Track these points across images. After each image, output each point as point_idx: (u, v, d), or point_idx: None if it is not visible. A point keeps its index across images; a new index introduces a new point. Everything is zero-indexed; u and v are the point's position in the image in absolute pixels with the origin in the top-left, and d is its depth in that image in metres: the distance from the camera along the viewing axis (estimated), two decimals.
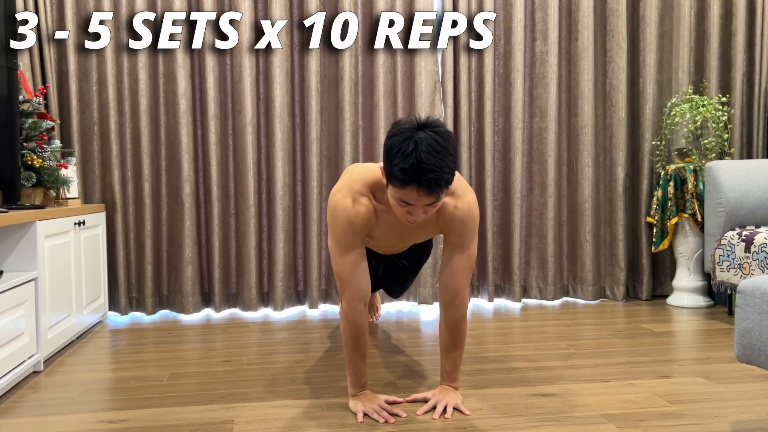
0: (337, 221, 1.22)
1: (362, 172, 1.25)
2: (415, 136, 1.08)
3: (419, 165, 1.05)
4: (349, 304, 1.24)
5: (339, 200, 1.22)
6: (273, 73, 2.26)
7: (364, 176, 1.24)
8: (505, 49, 2.41)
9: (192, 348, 1.83)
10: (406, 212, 1.13)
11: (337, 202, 1.22)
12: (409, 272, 1.73)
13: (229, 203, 2.33)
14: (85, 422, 1.25)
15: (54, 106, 2.17)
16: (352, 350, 1.27)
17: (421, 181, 1.07)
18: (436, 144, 1.07)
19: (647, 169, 2.44)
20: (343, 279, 1.24)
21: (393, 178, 1.09)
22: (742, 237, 1.98)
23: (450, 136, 1.10)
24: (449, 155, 1.08)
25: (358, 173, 1.25)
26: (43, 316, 1.61)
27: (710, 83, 2.44)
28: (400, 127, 1.11)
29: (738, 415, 1.23)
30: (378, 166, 1.25)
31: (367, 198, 1.23)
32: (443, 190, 1.09)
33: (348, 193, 1.22)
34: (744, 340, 1.04)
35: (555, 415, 1.24)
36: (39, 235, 1.61)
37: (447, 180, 1.08)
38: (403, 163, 1.06)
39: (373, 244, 1.43)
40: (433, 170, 1.06)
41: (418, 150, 1.06)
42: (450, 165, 1.08)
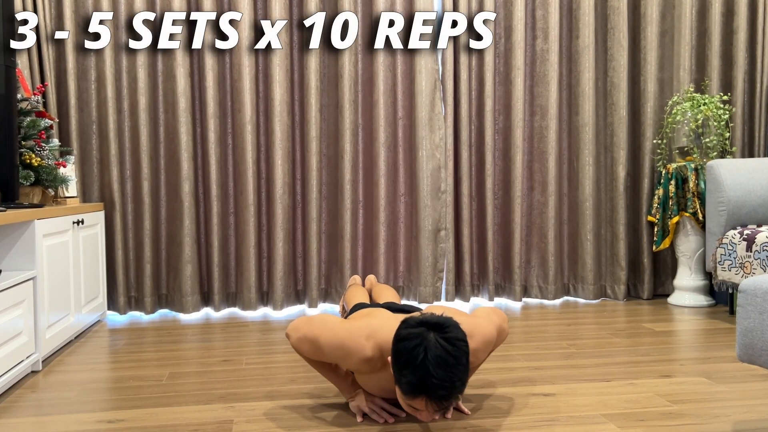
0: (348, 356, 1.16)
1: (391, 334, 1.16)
2: (425, 342, 1.02)
3: (428, 381, 1.00)
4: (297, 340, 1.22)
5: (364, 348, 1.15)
6: (272, 71, 2.26)
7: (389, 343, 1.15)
8: (506, 47, 2.40)
9: (191, 347, 1.82)
10: (415, 411, 1.08)
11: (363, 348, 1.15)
12: None
13: (229, 202, 2.32)
14: (84, 422, 1.24)
15: (52, 105, 2.16)
16: (319, 367, 1.27)
17: (431, 396, 1.01)
18: (447, 354, 1.00)
19: (648, 168, 2.43)
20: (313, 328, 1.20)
21: (400, 386, 1.04)
22: (743, 236, 1.97)
23: (463, 343, 1.03)
24: (461, 366, 1.01)
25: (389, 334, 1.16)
26: (41, 315, 1.61)
27: (711, 81, 2.43)
28: (409, 330, 1.04)
29: (740, 415, 1.22)
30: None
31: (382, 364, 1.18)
32: (455, 402, 1.04)
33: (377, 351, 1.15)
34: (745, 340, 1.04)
35: (556, 415, 1.23)
36: (37, 234, 1.60)
37: (458, 393, 1.02)
38: (411, 377, 1.01)
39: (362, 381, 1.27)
40: (443, 386, 1.00)
41: (426, 362, 1.00)
42: (462, 377, 1.02)
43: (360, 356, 1.16)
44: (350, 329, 1.18)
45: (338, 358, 1.18)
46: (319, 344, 1.20)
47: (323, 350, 1.20)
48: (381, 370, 1.19)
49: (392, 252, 2.38)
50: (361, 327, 1.18)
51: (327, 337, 1.19)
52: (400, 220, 2.37)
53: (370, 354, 1.16)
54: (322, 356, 1.21)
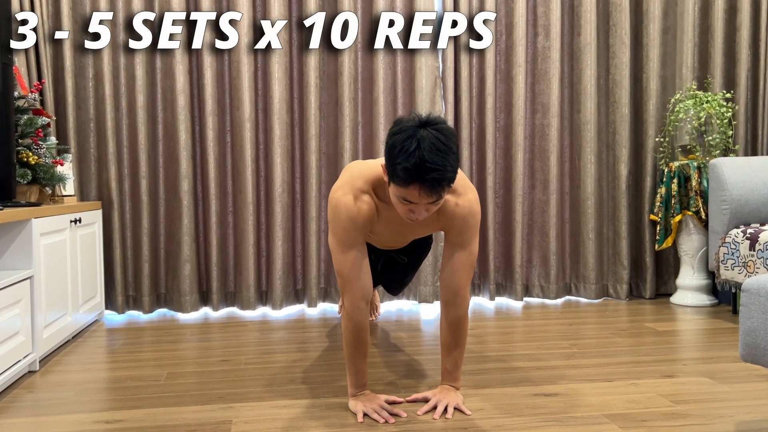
0: (339, 219, 1.21)
1: (363, 169, 1.24)
2: (418, 134, 1.07)
3: (422, 164, 1.05)
4: (351, 303, 1.23)
5: (340, 197, 1.21)
6: (272, 68, 2.24)
7: (366, 173, 1.23)
8: (507, 45, 2.38)
9: (189, 347, 1.81)
10: (408, 210, 1.13)
11: (339, 200, 1.21)
12: (408, 268, 1.73)
13: (228, 200, 2.31)
14: (81, 422, 1.24)
15: (50, 103, 2.15)
16: (353, 349, 1.26)
17: (423, 180, 1.06)
18: (439, 142, 1.06)
19: (650, 166, 2.42)
20: (344, 277, 1.23)
21: (395, 177, 1.09)
22: (746, 235, 1.96)
23: (453, 134, 1.10)
24: (452, 153, 1.08)
25: (359, 170, 1.24)
26: (38, 314, 1.60)
27: (714, 79, 2.42)
28: (402, 125, 1.10)
29: (743, 416, 1.22)
30: (379, 163, 1.24)
31: (369, 195, 1.23)
32: (446, 188, 1.09)
33: (349, 190, 1.22)
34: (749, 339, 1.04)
35: (557, 415, 1.23)
36: (34, 233, 1.60)
37: (450, 179, 1.08)
38: (405, 162, 1.06)
39: (373, 239, 1.43)
40: (435, 169, 1.05)
41: (420, 148, 1.05)
42: (453, 163, 1.08)
43: (348, 206, 1.20)
44: (331, 199, 1.22)
45: (347, 229, 1.20)
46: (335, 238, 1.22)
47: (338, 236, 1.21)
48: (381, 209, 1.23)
49: None
50: (334, 191, 1.23)
51: (332, 227, 1.22)
52: None
53: (351, 195, 1.20)
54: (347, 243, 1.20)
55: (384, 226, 1.28)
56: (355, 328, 1.24)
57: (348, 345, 1.26)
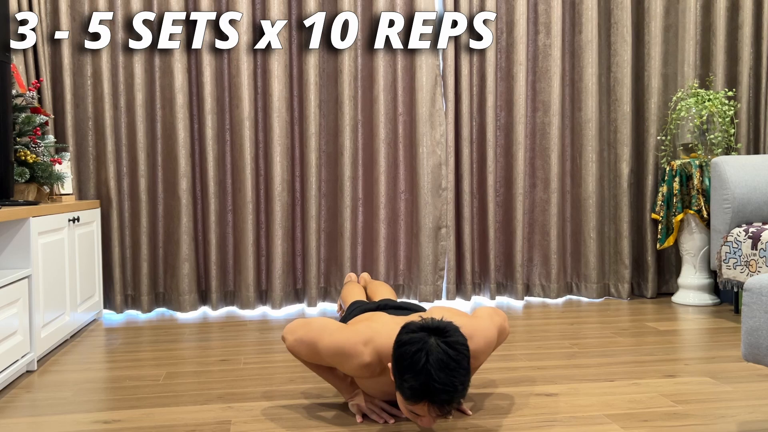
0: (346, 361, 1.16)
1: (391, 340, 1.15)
2: (426, 346, 1.02)
3: (430, 385, 1.01)
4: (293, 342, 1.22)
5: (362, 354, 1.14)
6: (271, 66, 2.23)
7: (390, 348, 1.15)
8: (508, 42, 2.37)
9: (188, 347, 1.81)
10: (417, 417, 1.08)
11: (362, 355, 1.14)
12: None
13: (227, 199, 2.30)
14: (80, 422, 1.24)
15: (48, 101, 2.14)
16: (317, 369, 1.27)
17: (432, 401, 1.02)
18: (449, 359, 1.01)
19: (652, 165, 2.41)
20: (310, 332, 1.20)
21: (402, 391, 1.04)
22: (748, 234, 1.95)
23: (464, 347, 1.04)
24: (462, 369, 1.02)
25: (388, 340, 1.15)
26: (36, 314, 1.59)
27: (716, 77, 2.41)
28: (410, 335, 1.05)
29: (745, 416, 1.21)
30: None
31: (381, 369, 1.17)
32: (456, 406, 1.06)
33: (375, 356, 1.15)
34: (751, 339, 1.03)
35: (558, 415, 1.23)
36: (32, 232, 1.59)
37: (460, 397, 1.03)
38: (413, 381, 1.02)
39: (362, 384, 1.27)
40: (445, 390, 1.01)
41: (428, 366, 1.01)
42: (464, 381, 1.03)
43: (358, 362, 1.15)
44: (348, 335, 1.17)
45: (336, 363, 1.18)
46: (317, 348, 1.19)
47: (321, 355, 1.19)
48: (380, 375, 1.19)
49: (392, 250, 2.36)
50: (359, 332, 1.17)
51: (325, 342, 1.18)
52: (401, 218, 2.35)
53: (368, 360, 1.15)
54: (320, 360, 1.21)
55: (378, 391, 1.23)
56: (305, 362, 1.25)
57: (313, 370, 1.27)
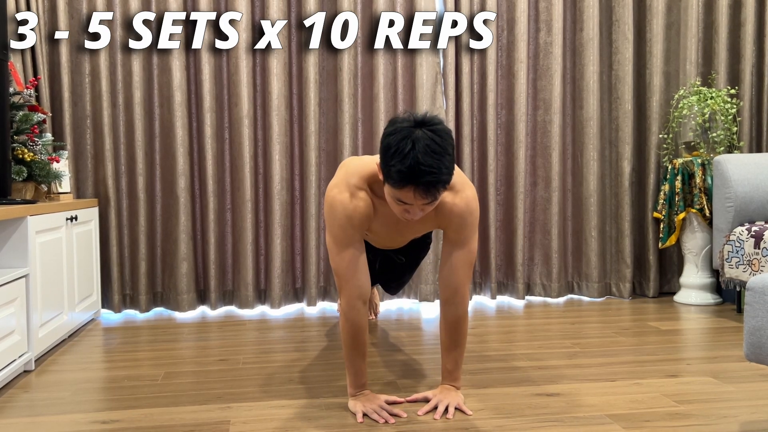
0: (335, 217, 1.20)
1: (359, 166, 1.23)
2: (412, 135, 1.06)
3: (416, 167, 1.04)
4: (347, 302, 1.22)
5: (336, 195, 1.20)
6: (270, 64, 2.22)
7: (361, 170, 1.22)
8: (508, 41, 2.36)
9: (187, 346, 1.80)
10: (404, 210, 1.12)
11: (335, 197, 1.20)
12: (406, 268, 1.71)
13: (225, 198, 2.29)
14: (77, 423, 1.23)
15: (45, 99, 2.13)
16: (351, 349, 1.25)
17: (418, 183, 1.06)
18: (434, 144, 1.06)
19: (654, 163, 2.40)
20: (341, 276, 1.22)
21: (390, 179, 1.09)
22: (751, 233, 1.94)
23: (448, 135, 1.09)
24: (447, 155, 1.07)
25: (354, 167, 1.23)
26: (34, 313, 1.59)
27: (719, 75, 2.39)
28: (397, 125, 1.09)
29: (747, 416, 1.21)
30: (375, 160, 1.23)
31: (365, 192, 1.22)
32: (441, 190, 1.09)
33: (345, 188, 1.21)
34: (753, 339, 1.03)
35: (559, 416, 1.22)
36: (30, 231, 1.58)
37: (445, 181, 1.08)
38: (400, 165, 1.05)
39: (371, 238, 1.41)
40: (430, 172, 1.05)
41: (415, 150, 1.05)
42: (448, 165, 1.07)
43: (345, 204, 1.19)
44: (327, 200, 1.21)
45: (344, 227, 1.19)
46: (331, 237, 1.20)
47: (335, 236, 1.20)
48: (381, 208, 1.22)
49: None
50: (329, 189, 1.22)
51: (328, 227, 1.21)
52: None
53: (347, 193, 1.19)
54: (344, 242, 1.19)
55: (381, 224, 1.27)
56: (352, 328, 1.23)
57: (346, 345, 1.25)
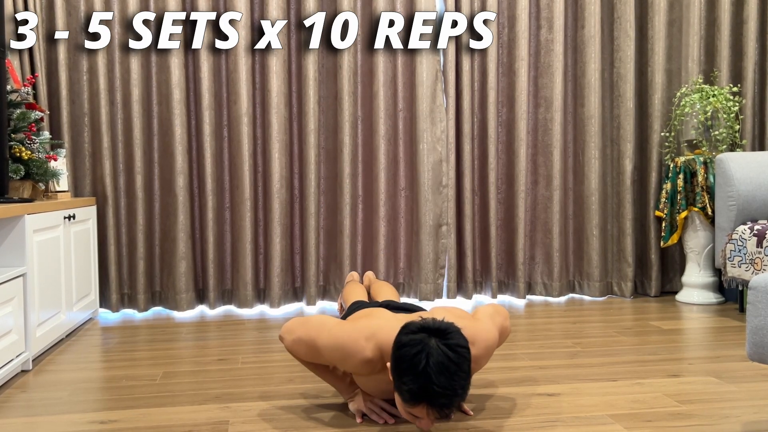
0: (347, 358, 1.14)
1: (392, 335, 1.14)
2: (426, 348, 1.01)
3: (430, 388, 1.00)
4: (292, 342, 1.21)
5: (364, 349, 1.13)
6: (269, 62, 2.21)
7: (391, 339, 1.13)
8: (509, 38, 2.35)
9: (185, 346, 1.80)
10: (414, 419, 1.07)
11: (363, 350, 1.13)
12: None
13: (224, 196, 2.28)
14: (75, 423, 1.23)
15: (43, 97, 2.12)
16: (314, 368, 1.26)
17: (431, 403, 1.01)
18: (449, 362, 1.00)
19: (656, 162, 2.39)
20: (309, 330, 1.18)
21: (400, 393, 1.03)
22: (754, 231, 1.93)
23: (464, 349, 1.03)
24: (462, 372, 1.01)
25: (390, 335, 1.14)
26: (31, 313, 1.58)
27: (721, 72, 2.38)
28: (410, 336, 1.03)
29: (750, 416, 1.21)
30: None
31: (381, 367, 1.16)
32: (455, 410, 1.05)
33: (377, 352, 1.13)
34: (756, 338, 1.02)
35: (560, 416, 1.22)
36: (27, 230, 1.58)
37: (459, 400, 1.02)
38: (412, 384, 1.00)
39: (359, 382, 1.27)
40: (444, 394, 1.00)
41: (428, 369, 1.00)
42: (463, 384, 1.02)
43: (360, 358, 1.14)
44: (349, 331, 1.16)
45: (336, 360, 1.16)
46: (316, 346, 1.18)
47: (321, 353, 1.18)
48: (381, 372, 1.17)
49: (392, 248, 2.34)
50: (361, 328, 1.16)
51: (325, 339, 1.17)
52: (401, 215, 2.33)
53: (370, 355, 1.14)
54: (320, 359, 1.19)
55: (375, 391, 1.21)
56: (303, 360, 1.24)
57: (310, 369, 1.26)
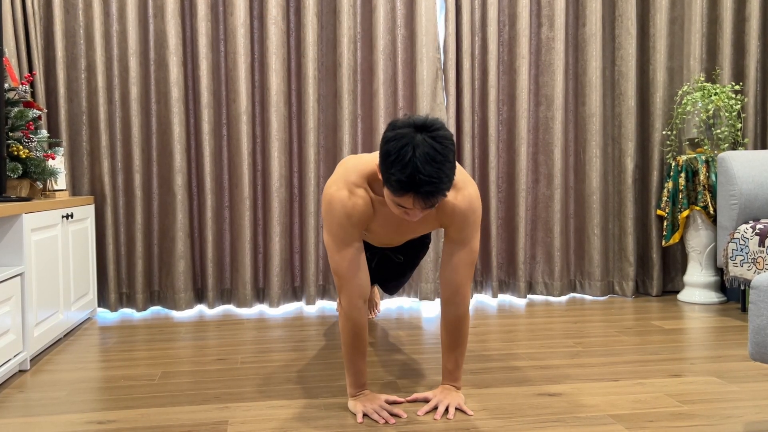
0: (333, 215, 1.18)
1: (358, 164, 1.21)
2: (413, 141, 1.04)
3: (416, 176, 1.03)
4: (348, 302, 1.21)
5: (334, 193, 1.18)
6: (269, 59, 2.20)
7: (361, 167, 1.20)
8: (510, 36, 2.34)
9: (184, 346, 1.79)
10: (404, 212, 1.11)
11: (333, 195, 1.18)
12: (406, 267, 1.70)
13: (223, 195, 2.27)
14: (73, 423, 1.22)
15: (41, 95, 2.11)
16: (352, 349, 1.24)
17: (418, 192, 1.04)
18: (435, 152, 1.03)
19: (657, 160, 2.38)
20: (341, 276, 1.20)
21: (389, 185, 1.07)
22: (756, 230, 1.93)
23: (450, 141, 1.06)
24: (448, 162, 1.05)
25: (353, 164, 1.21)
26: (29, 312, 1.58)
27: (723, 70, 2.37)
28: (397, 130, 1.07)
29: (752, 416, 1.21)
30: (375, 159, 1.21)
31: (364, 189, 1.20)
32: (441, 198, 1.07)
33: (344, 185, 1.19)
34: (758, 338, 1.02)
35: (561, 416, 1.22)
36: (25, 229, 1.57)
37: (445, 189, 1.06)
38: (399, 174, 1.03)
39: (369, 237, 1.40)
40: (430, 182, 1.03)
41: (415, 159, 1.02)
42: (449, 173, 1.05)
43: (343, 202, 1.17)
44: (324, 197, 1.20)
45: (343, 225, 1.17)
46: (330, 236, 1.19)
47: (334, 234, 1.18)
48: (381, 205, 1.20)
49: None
50: (330, 184, 1.20)
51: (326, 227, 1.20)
52: None
53: (345, 191, 1.17)
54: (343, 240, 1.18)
55: (380, 223, 1.25)
56: (353, 328, 1.22)
57: (346, 345, 1.24)
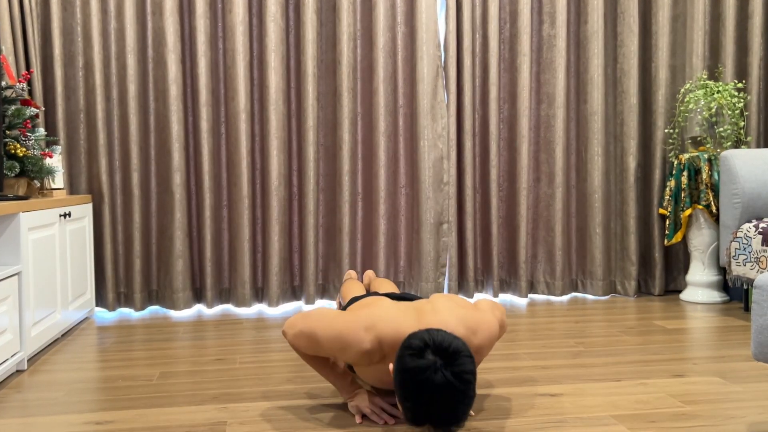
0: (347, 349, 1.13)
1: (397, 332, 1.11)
2: (433, 379, 0.98)
3: (432, 416, 1.00)
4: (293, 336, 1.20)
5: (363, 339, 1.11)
6: (268, 57, 2.19)
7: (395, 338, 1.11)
8: (511, 33, 2.32)
9: (183, 346, 1.79)
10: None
11: (362, 339, 1.11)
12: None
13: (222, 194, 2.26)
14: (71, 423, 1.22)
15: (38, 93, 2.10)
16: (315, 364, 1.24)
17: (433, 425, 1.02)
18: (454, 391, 0.98)
19: (660, 159, 2.37)
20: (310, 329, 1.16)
21: (404, 411, 1.03)
22: (759, 229, 1.91)
23: (472, 375, 1.01)
24: (467, 399, 1.00)
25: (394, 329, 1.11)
26: (26, 312, 1.57)
27: (726, 68, 2.36)
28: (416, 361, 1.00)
29: (755, 416, 1.20)
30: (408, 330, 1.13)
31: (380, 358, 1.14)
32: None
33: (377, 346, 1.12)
34: (761, 338, 1.02)
35: (563, 416, 1.21)
36: (22, 228, 1.56)
37: (462, 423, 1.02)
38: (415, 410, 1.01)
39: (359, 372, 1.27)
40: (447, 422, 1.00)
41: (433, 403, 0.99)
42: (466, 409, 1.01)
43: (359, 348, 1.13)
44: (348, 320, 1.15)
45: (336, 351, 1.15)
46: (316, 338, 1.17)
47: (321, 344, 1.16)
48: (380, 362, 1.16)
49: (392, 246, 2.32)
50: (360, 318, 1.15)
51: (324, 329, 1.16)
52: (401, 213, 2.31)
53: (369, 347, 1.13)
54: (320, 350, 1.18)
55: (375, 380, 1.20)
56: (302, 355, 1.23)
57: (309, 363, 1.24)
